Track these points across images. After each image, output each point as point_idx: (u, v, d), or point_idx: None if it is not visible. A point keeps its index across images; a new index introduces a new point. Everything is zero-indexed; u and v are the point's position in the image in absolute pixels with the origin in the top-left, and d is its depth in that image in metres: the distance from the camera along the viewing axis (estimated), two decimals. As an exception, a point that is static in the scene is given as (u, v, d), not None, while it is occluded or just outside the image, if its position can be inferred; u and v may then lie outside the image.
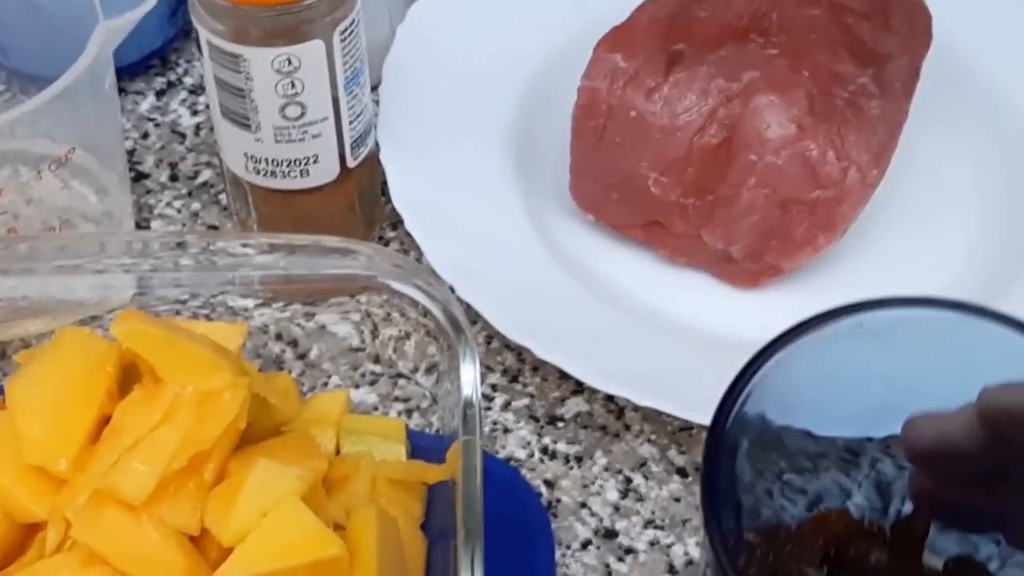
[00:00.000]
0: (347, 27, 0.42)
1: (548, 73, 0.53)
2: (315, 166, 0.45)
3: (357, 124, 0.45)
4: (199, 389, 0.37)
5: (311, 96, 0.42)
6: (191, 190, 0.52)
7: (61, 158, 0.42)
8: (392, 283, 0.41)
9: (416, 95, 0.50)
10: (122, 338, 0.37)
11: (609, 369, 0.43)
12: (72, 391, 0.38)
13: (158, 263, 0.41)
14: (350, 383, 0.46)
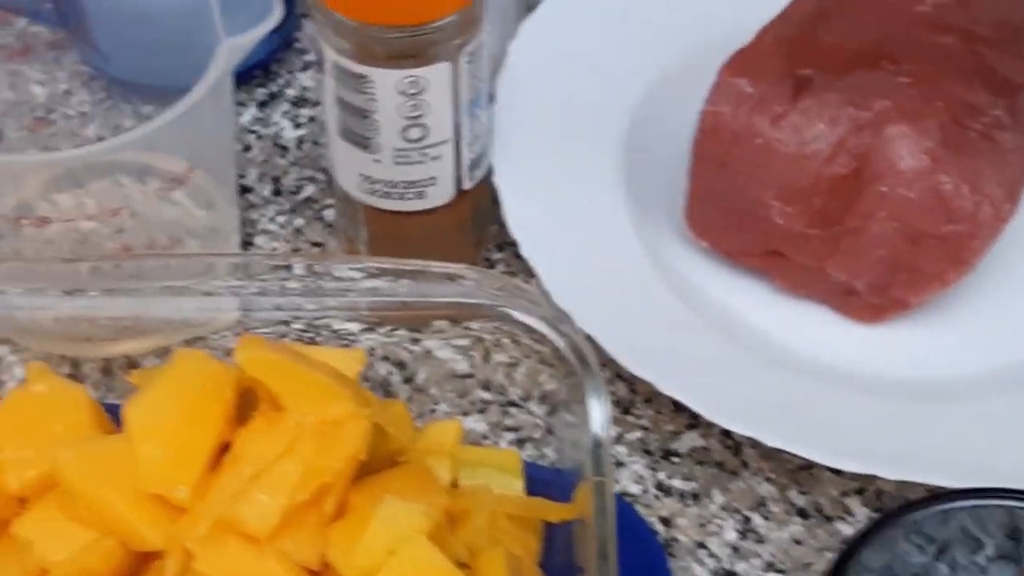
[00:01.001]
0: (473, 49, 0.41)
1: (662, 91, 0.52)
2: (432, 188, 0.44)
3: (475, 146, 0.44)
4: (321, 418, 0.36)
5: (434, 118, 0.41)
6: (294, 205, 0.51)
7: (181, 176, 0.41)
8: (508, 310, 0.40)
9: (528, 115, 0.49)
10: (246, 365, 0.36)
11: (734, 407, 0.41)
12: (191, 416, 0.37)
13: (265, 285, 0.40)
14: (458, 411, 0.45)
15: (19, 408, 0.39)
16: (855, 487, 0.43)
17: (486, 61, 0.42)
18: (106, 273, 0.40)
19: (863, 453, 0.41)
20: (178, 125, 0.38)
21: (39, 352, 0.45)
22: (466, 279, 0.41)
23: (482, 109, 0.43)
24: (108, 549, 0.36)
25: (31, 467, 0.38)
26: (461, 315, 0.41)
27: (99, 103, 0.53)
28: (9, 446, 0.38)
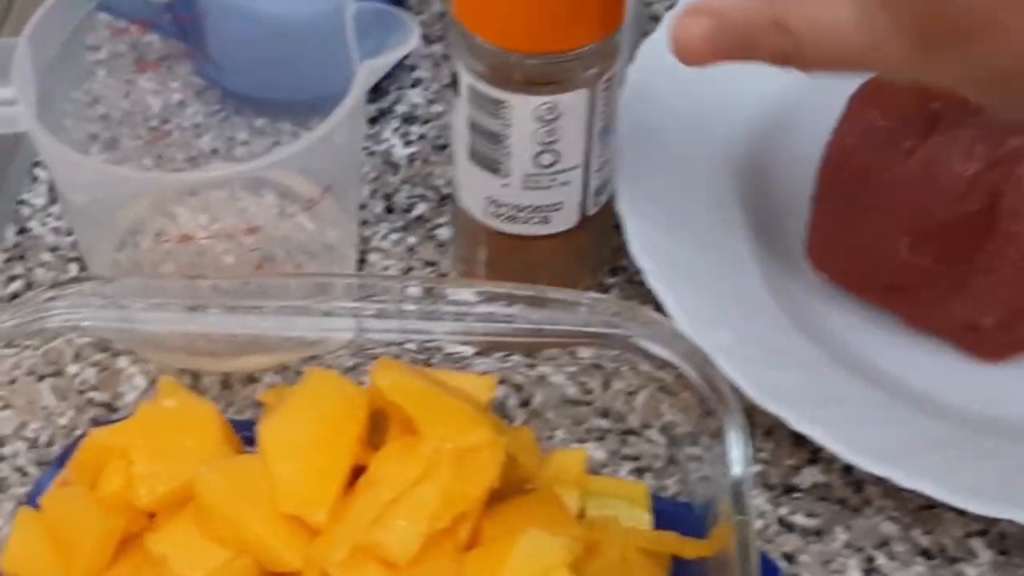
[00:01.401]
0: (611, 77, 0.41)
1: (782, 114, 0.51)
2: (557, 213, 0.44)
3: (602, 172, 0.44)
4: (458, 445, 0.36)
5: (567, 144, 0.41)
6: (406, 223, 0.51)
7: (315, 198, 0.41)
8: (634, 338, 0.40)
9: (649, 138, 0.49)
10: (387, 389, 0.36)
11: (859, 443, 0.41)
12: (326, 438, 0.37)
13: (382, 307, 0.40)
14: (574, 438, 0.44)
15: (150, 422, 0.39)
16: (979, 528, 0.42)
17: (619, 88, 0.42)
18: (226, 291, 0.40)
19: (987, 494, 0.41)
20: (318, 147, 0.38)
21: (159, 363, 0.45)
22: (583, 304, 0.41)
23: (612, 136, 0.43)
24: (244, 568, 0.36)
25: (162, 482, 0.38)
26: (580, 341, 0.41)
27: (212, 115, 0.54)
28: (140, 460, 0.38)
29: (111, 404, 0.45)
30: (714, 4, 0.33)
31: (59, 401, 0.43)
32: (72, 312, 0.39)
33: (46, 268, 0.49)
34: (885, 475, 0.40)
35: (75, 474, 0.40)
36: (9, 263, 0.49)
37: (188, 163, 0.52)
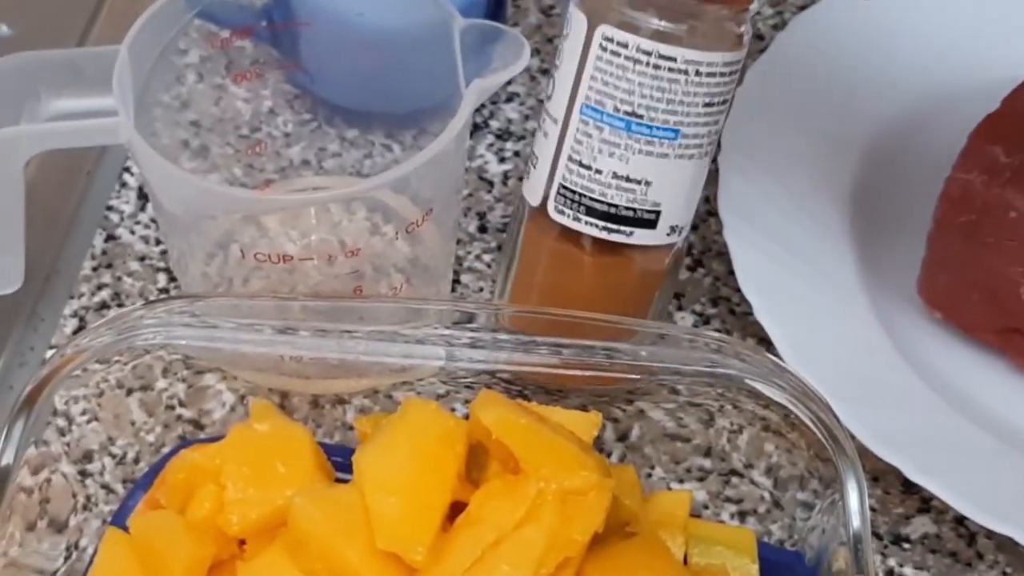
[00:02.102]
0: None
1: (890, 144, 0.49)
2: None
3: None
4: (564, 487, 0.35)
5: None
6: (500, 243, 0.50)
7: (418, 221, 0.40)
8: (736, 374, 0.38)
9: (756, 168, 0.47)
10: (490, 425, 0.35)
11: (984, 498, 0.39)
12: (424, 472, 0.36)
13: (476, 336, 0.39)
14: (673, 476, 0.43)
15: (242, 446, 0.38)
16: (1098, 589, 0.41)
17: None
18: (317, 313, 0.39)
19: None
20: (426, 169, 0.37)
21: (248, 382, 0.44)
22: (684, 338, 0.39)
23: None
24: (338, 604, 0.35)
25: (253, 509, 0.37)
26: (681, 377, 0.40)
27: (303, 124, 0.53)
28: (232, 485, 0.37)
29: (198, 421, 0.44)
30: None
31: (147, 417, 0.42)
32: (162, 330, 0.38)
33: (134, 278, 0.48)
34: (1004, 532, 0.38)
35: (164, 496, 0.39)
36: (97, 271, 0.48)
37: (278, 174, 0.51)
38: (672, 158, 0.40)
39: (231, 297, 0.43)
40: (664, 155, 0.40)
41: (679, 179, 0.40)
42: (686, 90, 0.39)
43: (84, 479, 0.40)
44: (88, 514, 0.40)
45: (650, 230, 0.41)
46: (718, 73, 0.39)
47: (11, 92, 0.40)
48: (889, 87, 0.51)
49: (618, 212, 0.40)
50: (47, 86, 0.40)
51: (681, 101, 0.39)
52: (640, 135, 0.39)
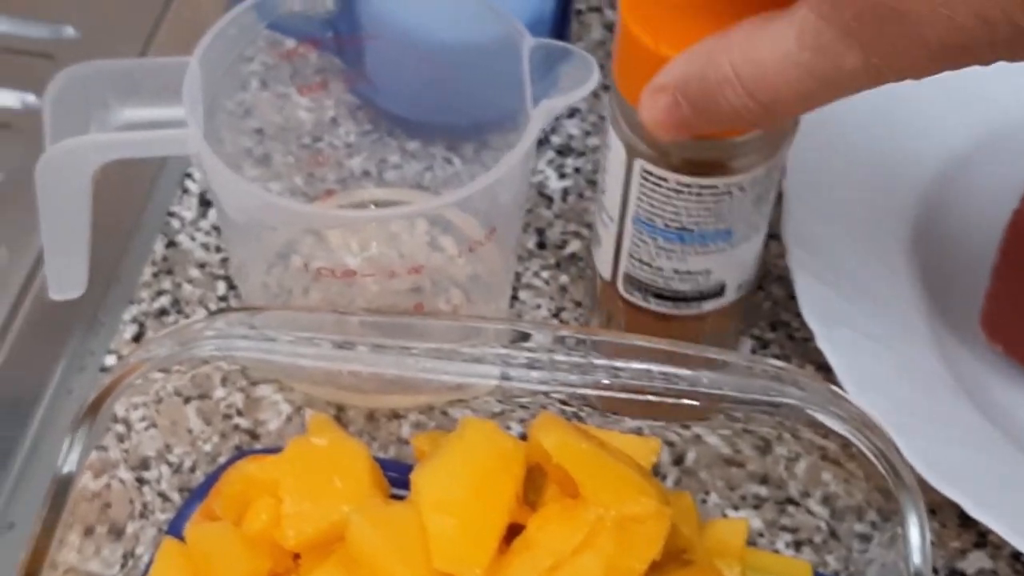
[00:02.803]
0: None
1: (952, 177, 0.49)
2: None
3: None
4: (622, 513, 0.34)
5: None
6: (559, 260, 0.50)
7: (482, 240, 0.40)
8: (794, 402, 0.38)
9: (819, 196, 0.47)
10: (551, 450, 0.35)
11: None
12: (482, 493, 0.36)
13: (533, 357, 0.39)
14: (728, 503, 0.43)
15: (299, 460, 0.38)
16: None
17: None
18: (375, 328, 0.39)
19: None
20: (493, 188, 0.37)
21: (305, 393, 0.45)
22: (742, 365, 0.39)
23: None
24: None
25: (310, 523, 0.37)
26: (738, 404, 0.39)
27: (365, 135, 0.53)
28: (289, 499, 0.37)
29: (254, 431, 0.44)
30: (674, 75, 0.33)
31: (204, 425, 0.42)
32: (222, 341, 0.38)
33: (194, 285, 0.48)
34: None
35: (220, 506, 0.39)
36: (157, 277, 0.48)
37: (339, 184, 0.52)
38: (729, 251, 0.40)
39: (290, 310, 0.43)
40: (721, 251, 0.40)
41: (741, 260, 0.41)
42: (732, 204, 0.39)
43: (141, 486, 0.40)
44: (144, 522, 0.40)
45: (718, 299, 0.42)
46: (763, 179, 0.39)
47: (81, 100, 0.40)
48: (953, 117, 0.50)
49: (685, 295, 0.41)
50: (116, 94, 0.41)
51: (729, 212, 0.39)
52: (693, 243, 0.40)
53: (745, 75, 0.31)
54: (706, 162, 0.38)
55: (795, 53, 0.30)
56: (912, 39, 0.28)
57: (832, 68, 0.29)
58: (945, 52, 0.28)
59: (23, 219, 0.50)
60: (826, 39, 0.29)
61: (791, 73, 0.30)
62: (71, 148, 0.38)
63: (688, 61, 0.32)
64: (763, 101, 0.31)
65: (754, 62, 0.30)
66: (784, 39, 0.30)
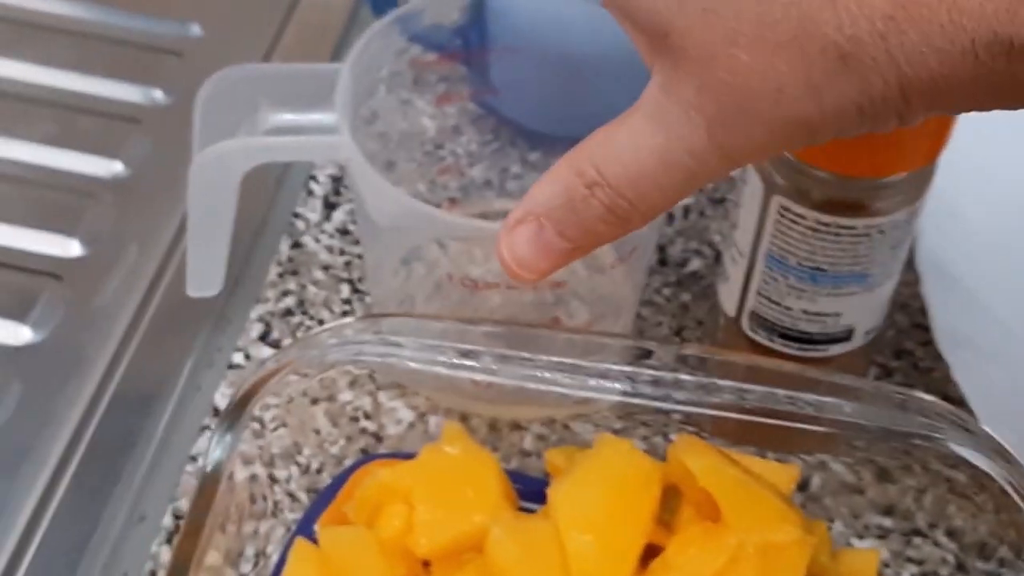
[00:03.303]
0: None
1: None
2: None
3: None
4: (765, 540, 0.34)
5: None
6: (680, 278, 0.50)
7: (625, 255, 0.40)
8: (923, 432, 0.37)
9: (955, 222, 0.46)
10: (699, 473, 0.35)
11: None
12: (621, 512, 0.36)
13: (657, 375, 0.39)
14: (852, 532, 0.42)
15: (432, 467, 0.39)
16: None
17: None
18: (500, 338, 0.39)
19: None
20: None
21: (429, 400, 0.45)
22: (867, 392, 0.39)
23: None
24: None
25: (442, 531, 0.37)
26: (864, 433, 0.39)
27: (486, 144, 0.53)
28: (422, 506, 0.38)
29: (379, 435, 0.44)
30: (535, 201, 0.29)
31: (331, 427, 0.43)
32: (348, 346, 0.39)
33: (318, 287, 0.49)
34: None
35: (351, 510, 0.39)
36: (283, 277, 0.49)
37: (460, 192, 0.52)
38: (862, 294, 0.40)
39: (417, 317, 0.43)
40: (853, 294, 0.40)
41: (872, 304, 0.41)
42: (870, 246, 0.39)
43: (273, 485, 0.41)
44: (275, 520, 0.40)
45: (845, 343, 0.41)
46: (903, 223, 0.38)
47: (232, 102, 0.41)
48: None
49: (811, 337, 0.41)
50: (266, 98, 0.41)
51: (866, 255, 0.39)
52: (826, 284, 0.39)
53: (610, 175, 0.28)
54: (848, 202, 0.38)
55: (649, 140, 0.28)
56: (750, 115, 0.26)
57: (682, 151, 0.27)
58: (787, 130, 0.26)
59: (151, 215, 0.51)
60: (672, 117, 0.27)
61: (649, 162, 0.28)
62: (223, 152, 0.39)
63: (549, 182, 0.29)
64: (631, 198, 0.28)
65: (616, 160, 0.28)
66: (640, 128, 0.28)
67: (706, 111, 0.27)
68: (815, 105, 0.26)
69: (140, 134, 0.53)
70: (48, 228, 0.49)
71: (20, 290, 0.47)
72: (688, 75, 0.27)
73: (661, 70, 0.28)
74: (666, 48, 0.27)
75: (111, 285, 0.48)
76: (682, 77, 0.27)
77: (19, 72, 0.54)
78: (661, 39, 0.27)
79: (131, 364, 0.46)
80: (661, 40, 0.27)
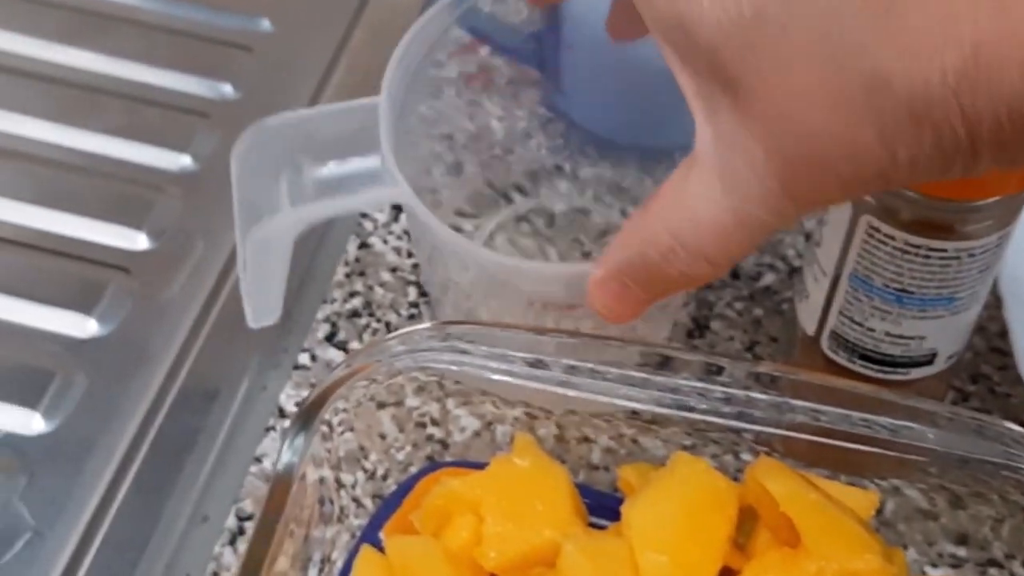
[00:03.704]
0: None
1: None
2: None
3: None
4: (845, 568, 0.34)
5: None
6: (752, 292, 0.49)
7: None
8: (1000, 459, 0.37)
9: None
10: (780, 498, 0.34)
11: None
12: (696, 533, 0.35)
13: (729, 392, 0.38)
14: (926, 560, 0.41)
15: (502, 479, 0.38)
16: None
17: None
18: (570, 350, 0.39)
19: None
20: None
21: (495, 408, 0.44)
22: (944, 417, 0.38)
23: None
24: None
25: (511, 545, 0.37)
26: (940, 459, 0.38)
27: (556, 150, 0.52)
28: (491, 518, 0.37)
29: (445, 442, 0.44)
30: (615, 263, 0.31)
31: (397, 432, 0.42)
32: (417, 353, 0.39)
33: (385, 288, 0.48)
34: None
35: (418, 519, 0.39)
36: (350, 278, 0.48)
37: (528, 197, 0.51)
38: (947, 318, 0.39)
39: (486, 325, 0.42)
40: (939, 317, 0.39)
41: (957, 329, 0.40)
42: (959, 270, 0.38)
43: (339, 489, 0.40)
44: (340, 526, 0.40)
45: (927, 367, 0.41)
46: (994, 247, 0.38)
47: (269, 154, 0.40)
48: None
49: (893, 360, 0.40)
50: (306, 148, 0.39)
51: (955, 278, 0.38)
52: (912, 306, 0.39)
53: (685, 239, 0.29)
54: (938, 224, 0.37)
55: (722, 200, 0.28)
56: (824, 172, 0.26)
57: (757, 208, 0.28)
58: (862, 182, 0.27)
59: (218, 210, 0.50)
60: (742, 175, 0.27)
61: (725, 221, 0.28)
62: (274, 229, 0.38)
63: (624, 246, 0.31)
64: (710, 257, 0.29)
65: (690, 221, 0.29)
66: (709, 186, 0.28)
67: (779, 170, 0.27)
68: (889, 159, 0.26)
69: (208, 128, 0.53)
70: (116, 220, 0.49)
71: (87, 282, 0.47)
72: (757, 132, 0.27)
73: (722, 122, 0.27)
74: (730, 102, 0.27)
75: (178, 280, 0.47)
76: (750, 134, 0.27)
77: (90, 62, 0.54)
78: (724, 92, 0.27)
79: (197, 361, 0.45)
80: (724, 93, 0.27)
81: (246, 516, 0.42)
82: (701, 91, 0.28)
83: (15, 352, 0.45)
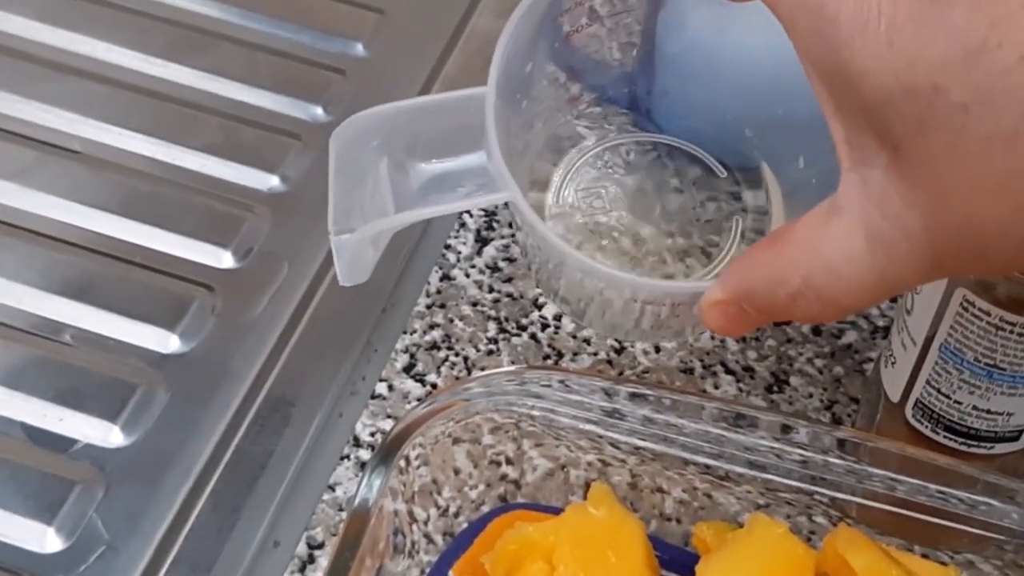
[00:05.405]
0: None
1: None
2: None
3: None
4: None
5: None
6: (834, 350, 0.48)
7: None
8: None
9: None
10: (862, 571, 0.34)
11: None
12: (771, 599, 0.35)
13: (807, 455, 0.38)
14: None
15: (576, 527, 0.38)
16: None
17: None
18: (645, 400, 0.39)
19: None
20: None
21: (569, 453, 0.44)
22: (1020, 493, 0.37)
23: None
24: None
25: (581, 593, 0.37)
26: (1015, 536, 0.38)
27: (644, 153, 0.52)
28: (563, 566, 0.37)
29: (518, 482, 0.43)
30: (736, 288, 0.31)
31: (472, 468, 0.42)
32: (493, 396, 0.39)
33: (465, 322, 0.48)
34: None
35: (490, 562, 0.39)
36: (431, 309, 0.49)
37: (617, 203, 0.51)
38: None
39: (564, 371, 0.42)
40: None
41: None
42: None
43: (412, 524, 0.40)
44: (411, 561, 0.40)
45: (1012, 443, 0.40)
46: None
47: (365, 148, 0.39)
48: None
49: (978, 434, 0.40)
50: (402, 138, 0.39)
51: None
52: (1003, 382, 0.38)
53: (819, 285, 0.29)
54: None
55: (867, 258, 0.28)
56: (979, 255, 0.26)
57: (904, 272, 0.27)
58: (1010, 267, 0.27)
59: (305, 233, 0.51)
60: (893, 241, 0.27)
61: (869, 278, 0.28)
62: (371, 231, 0.37)
63: (746, 277, 0.31)
64: (841, 305, 0.29)
65: (827, 270, 0.28)
66: (852, 241, 0.28)
67: (936, 242, 0.26)
68: None
69: (299, 150, 0.53)
70: (203, 238, 0.49)
71: (172, 298, 0.48)
72: (918, 200, 0.26)
73: (873, 177, 0.27)
74: (887, 161, 0.26)
75: (261, 301, 0.48)
76: (909, 200, 0.26)
77: (190, 78, 0.55)
78: (882, 148, 0.26)
79: (275, 383, 0.46)
80: (882, 148, 0.26)
81: (317, 544, 0.42)
82: (852, 139, 0.27)
83: (98, 364, 0.46)
